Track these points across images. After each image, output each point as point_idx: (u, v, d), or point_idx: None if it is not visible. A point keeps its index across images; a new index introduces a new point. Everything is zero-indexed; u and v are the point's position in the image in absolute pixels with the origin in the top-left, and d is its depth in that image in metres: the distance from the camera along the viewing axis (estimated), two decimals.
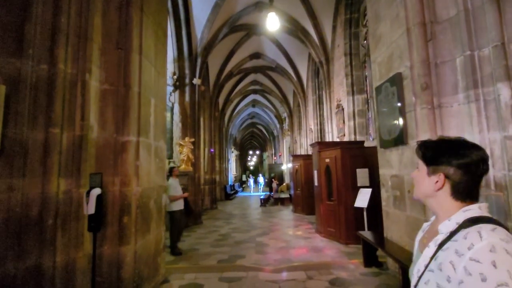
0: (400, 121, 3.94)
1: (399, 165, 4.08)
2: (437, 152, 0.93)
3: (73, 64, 3.11)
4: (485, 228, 0.80)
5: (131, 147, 3.59)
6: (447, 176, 0.90)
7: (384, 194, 4.62)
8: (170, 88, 10.31)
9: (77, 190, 3.13)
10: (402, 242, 4.03)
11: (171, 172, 6.38)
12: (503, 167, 2.99)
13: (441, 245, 0.86)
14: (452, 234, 0.85)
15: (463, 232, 0.82)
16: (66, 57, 3.03)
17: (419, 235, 1.11)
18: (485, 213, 0.87)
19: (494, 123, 3.10)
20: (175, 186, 6.26)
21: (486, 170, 0.88)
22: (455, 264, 0.77)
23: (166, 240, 6.85)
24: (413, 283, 0.94)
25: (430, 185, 0.93)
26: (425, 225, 1.12)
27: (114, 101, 3.57)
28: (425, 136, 3.56)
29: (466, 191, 0.90)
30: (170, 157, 10.16)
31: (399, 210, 4.10)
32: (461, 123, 3.42)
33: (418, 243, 1.08)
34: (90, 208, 3.01)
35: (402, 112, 3.92)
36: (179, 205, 6.17)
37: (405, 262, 3.42)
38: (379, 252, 4.67)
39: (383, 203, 4.64)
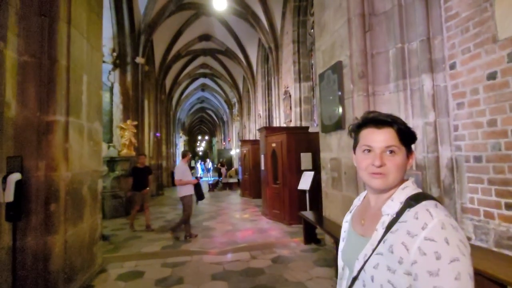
0: (340, 107, 4.17)
1: (338, 148, 4.35)
2: (410, 132, 0.90)
3: None
4: (430, 205, 0.80)
5: (59, 127, 3.22)
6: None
7: (324, 176, 4.90)
8: (109, 67, 9.49)
9: None
10: (338, 220, 4.35)
11: (184, 156, 6.29)
12: (423, 150, 3.35)
13: (389, 227, 0.83)
14: (399, 214, 0.83)
15: (411, 212, 0.81)
16: None
17: (348, 216, 1.09)
18: (417, 188, 0.89)
19: (418, 110, 3.44)
20: (183, 170, 5.92)
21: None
22: (408, 245, 0.75)
23: (106, 229, 6.52)
24: (356, 267, 0.88)
25: (405, 166, 0.89)
26: (354, 205, 1.10)
27: (37, 75, 3.15)
28: None
29: None
30: (109, 140, 9.48)
31: (337, 190, 4.40)
32: (391, 110, 3.74)
33: (349, 223, 1.04)
34: (8, 195, 2.66)
35: (341, 99, 4.14)
36: (188, 190, 5.89)
37: (338, 236, 3.70)
38: (318, 230, 5.00)
39: (323, 185, 4.92)
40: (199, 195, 6.16)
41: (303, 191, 6.68)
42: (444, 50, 3.37)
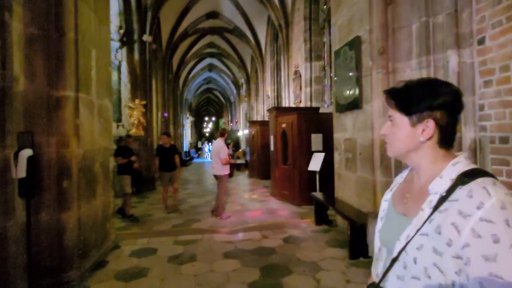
0: (356, 86, 4.00)
1: (353, 128, 4.22)
2: (415, 98, 0.81)
3: None
4: (487, 182, 0.71)
5: (69, 103, 3.15)
6: (435, 121, 0.80)
7: (337, 157, 4.80)
8: (116, 44, 9.30)
9: (2, 152, 2.70)
10: (351, 201, 4.29)
11: (222, 135, 6.18)
12: None
13: (436, 206, 0.75)
14: (449, 192, 0.74)
15: (463, 190, 0.71)
16: None
17: (387, 194, 1.01)
18: (471, 164, 0.79)
19: None
20: (220, 148, 5.86)
21: (462, 107, 0.81)
22: (459, 226, 0.67)
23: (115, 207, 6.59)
24: (397, 248, 0.80)
25: (415, 137, 0.82)
26: (395, 183, 1.01)
27: (45, 49, 3.04)
28: (378, 100, 3.67)
29: (452, 135, 0.82)
30: (118, 120, 9.44)
31: (350, 172, 4.31)
32: None
33: (389, 202, 0.97)
34: (20, 171, 2.63)
35: (358, 77, 3.96)
36: (225, 170, 5.89)
37: (354, 218, 3.65)
38: (330, 211, 4.96)
39: (336, 166, 4.83)
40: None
41: (313, 172, 6.61)
42: (472, 24, 3.14)
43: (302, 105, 9.91)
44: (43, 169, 3.00)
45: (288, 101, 11.37)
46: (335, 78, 4.66)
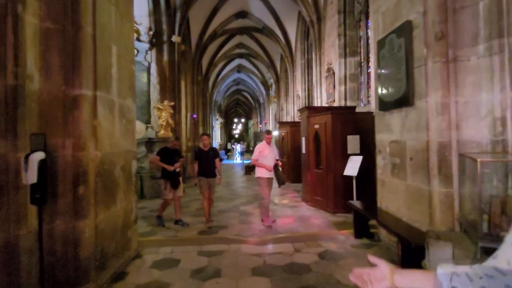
0: (406, 79, 3.41)
1: (401, 129, 3.62)
2: None
3: None
4: None
5: (86, 102, 2.91)
6: None
7: (380, 161, 4.21)
8: (145, 46, 9.31)
9: (15, 155, 2.52)
10: (399, 213, 3.69)
11: (268, 133, 5.79)
12: None
13: None
14: None
15: None
16: None
17: None
18: None
19: None
20: (260, 150, 5.52)
21: None
22: None
23: (144, 210, 6.46)
24: None
25: None
26: None
27: (61, 44, 2.82)
28: (436, 94, 3.07)
29: None
30: (147, 121, 9.43)
31: (398, 179, 3.71)
32: (479, 80, 2.94)
33: None
34: (31, 176, 2.40)
35: (409, 68, 3.38)
36: (264, 173, 5.43)
37: (405, 236, 3.08)
38: (371, 221, 4.38)
39: (379, 171, 4.25)
40: (279, 180, 5.57)
41: (350, 178, 6.01)
42: None
43: (335, 104, 9.27)
44: (58, 174, 2.78)
45: (320, 100, 10.77)
46: (379, 71, 4.08)
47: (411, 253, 2.97)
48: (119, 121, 3.56)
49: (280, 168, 5.69)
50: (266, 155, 5.50)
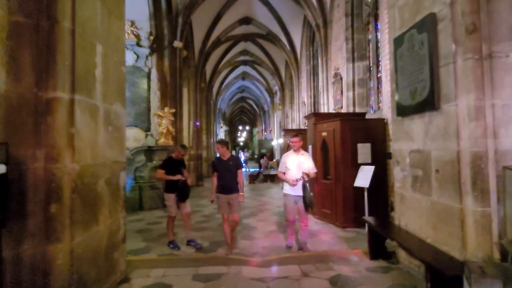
0: (430, 79, 2.98)
1: (424, 137, 3.17)
2: None
3: None
4: None
5: (61, 106, 2.53)
6: None
7: (398, 173, 3.75)
8: (146, 51, 9.02)
9: None
10: (422, 233, 3.21)
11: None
12: None
13: None
14: None
15: None
16: None
17: None
18: None
19: None
20: (282, 162, 4.71)
21: None
22: None
23: (141, 223, 6.00)
24: None
25: None
26: None
27: (33, 41, 2.46)
28: (468, 97, 2.63)
29: None
30: (147, 129, 9.09)
31: (421, 194, 3.24)
32: None
33: None
34: None
35: (433, 67, 2.94)
36: (286, 188, 4.61)
37: (432, 262, 2.60)
38: (387, 241, 3.90)
39: (397, 185, 3.78)
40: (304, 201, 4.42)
41: (360, 189, 5.54)
42: None
43: (343, 111, 8.83)
44: (27, 190, 2.39)
45: (327, 107, 10.33)
46: (396, 72, 3.65)
47: (442, 284, 2.49)
48: (104, 129, 3.17)
49: (307, 185, 4.33)
50: (290, 166, 4.53)
